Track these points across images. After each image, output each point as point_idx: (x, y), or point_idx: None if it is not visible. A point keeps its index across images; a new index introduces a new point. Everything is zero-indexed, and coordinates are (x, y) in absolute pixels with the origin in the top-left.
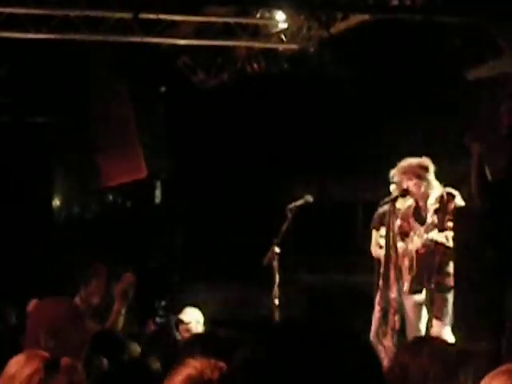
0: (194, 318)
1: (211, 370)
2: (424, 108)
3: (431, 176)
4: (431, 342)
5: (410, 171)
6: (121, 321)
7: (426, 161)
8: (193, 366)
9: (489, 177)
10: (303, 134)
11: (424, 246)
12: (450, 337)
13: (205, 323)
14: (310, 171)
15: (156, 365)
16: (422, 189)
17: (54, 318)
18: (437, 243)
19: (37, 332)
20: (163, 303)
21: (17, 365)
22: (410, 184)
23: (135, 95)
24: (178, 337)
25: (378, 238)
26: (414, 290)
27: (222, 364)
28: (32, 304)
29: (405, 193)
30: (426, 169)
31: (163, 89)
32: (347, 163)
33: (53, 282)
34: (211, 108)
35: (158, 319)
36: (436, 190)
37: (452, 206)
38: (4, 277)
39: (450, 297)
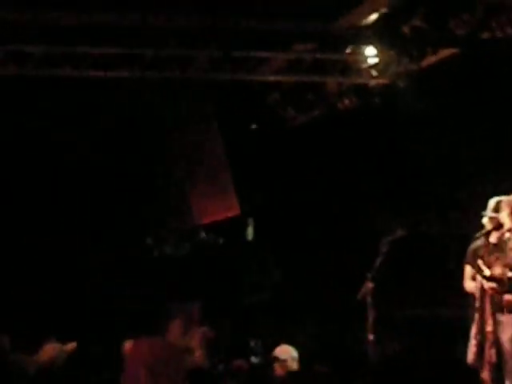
0: (289, 355)
1: None
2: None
3: None
4: None
5: (509, 205)
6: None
7: None
8: None
9: None
10: (396, 169)
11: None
12: None
13: (300, 360)
14: (403, 206)
15: None
16: None
17: (154, 355)
18: None
19: (137, 371)
20: (260, 342)
21: None
22: (506, 219)
23: (226, 132)
24: (273, 374)
25: (470, 272)
26: None
27: None
28: (128, 344)
29: (499, 226)
30: None
31: (254, 126)
32: (439, 197)
33: (145, 320)
34: (302, 144)
35: (253, 358)
36: None
37: None
38: (96, 317)
39: None
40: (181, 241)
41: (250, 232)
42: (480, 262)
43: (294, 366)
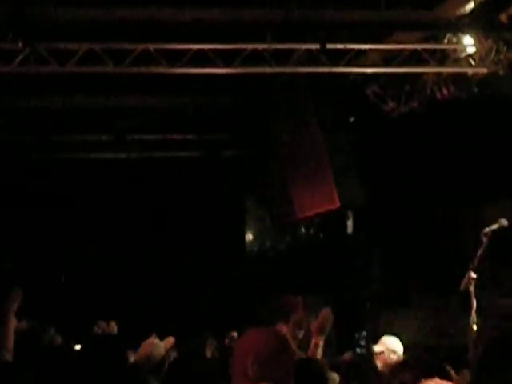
0: (386, 347)
1: None
2: None
3: None
4: None
5: None
6: (319, 354)
7: None
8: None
9: None
10: (497, 157)
11: None
12: None
13: (405, 351)
14: (504, 194)
15: None
16: None
17: (261, 346)
18: None
19: (244, 361)
20: (364, 333)
21: None
22: None
23: (325, 126)
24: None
25: None
26: None
27: None
28: (231, 336)
29: None
30: None
31: (352, 118)
32: None
33: (249, 313)
34: (401, 136)
35: (358, 349)
36: None
37: None
38: (200, 311)
39: None
40: (281, 235)
41: (349, 225)
42: None
43: (392, 357)
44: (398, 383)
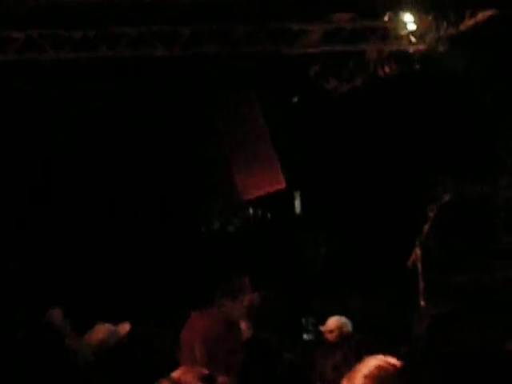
0: (335, 326)
1: (396, 362)
2: None
3: None
4: None
5: None
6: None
7: None
8: (379, 359)
9: None
10: (440, 134)
11: None
12: None
13: (353, 328)
14: (450, 171)
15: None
16: None
17: (208, 330)
18: None
19: (191, 344)
20: (311, 319)
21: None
22: None
23: (267, 107)
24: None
25: None
26: None
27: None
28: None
29: None
30: None
31: (296, 99)
32: (487, 160)
33: (197, 296)
34: (345, 114)
35: (305, 335)
36: None
37: None
38: (146, 293)
39: None
40: (229, 217)
41: (297, 205)
42: None
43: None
44: (331, 365)
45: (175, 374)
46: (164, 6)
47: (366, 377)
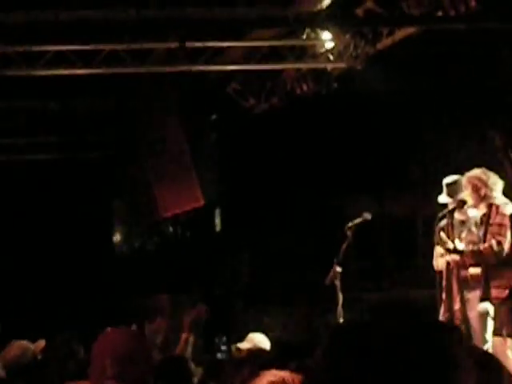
0: (253, 344)
1: (291, 377)
2: (477, 118)
3: (489, 188)
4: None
5: (474, 183)
6: (189, 351)
7: (488, 173)
8: (273, 374)
9: None
10: (357, 152)
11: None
12: None
13: (271, 347)
14: (367, 189)
15: None
16: (483, 202)
17: (119, 345)
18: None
19: (102, 360)
20: (224, 338)
21: None
22: (472, 197)
23: (187, 124)
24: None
25: (440, 251)
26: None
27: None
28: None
29: (462, 204)
30: (484, 182)
31: (214, 116)
32: (404, 179)
33: (117, 314)
34: (263, 132)
35: (218, 354)
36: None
37: (498, 217)
38: (69, 311)
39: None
40: (148, 235)
41: (217, 223)
42: (443, 235)
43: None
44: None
45: None
46: (84, 24)
47: None
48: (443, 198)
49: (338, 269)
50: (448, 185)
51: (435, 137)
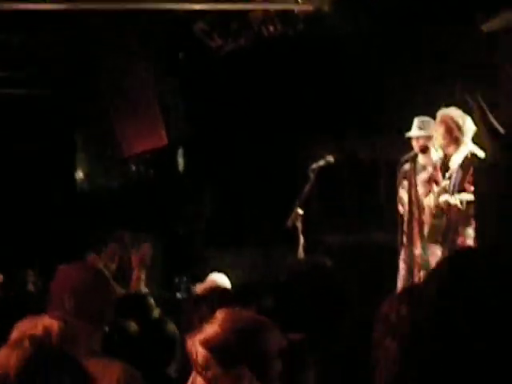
0: (213, 284)
1: (251, 316)
2: (443, 59)
3: (466, 133)
4: None
5: (448, 123)
6: (142, 287)
7: (464, 116)
8: (231, 311)
9: (500, 130)
10: (322, 95)
11: (437, 206)
12: None
13: (232, 288)
14: (331, 131)
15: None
16: (453, 144)
17: (78, 280)
18: (449, 205)
19: (60, 295)
20: (184, 278)
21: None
22: (443, 136)
23: (152, 64)
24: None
25: (404, 194)
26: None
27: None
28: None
29: (425, 150)
30: (457, 124)
31: (181, 55)
32: (368, 121)
33: (77, 252)
34: (229, 73)
35: (178, 294)
36: (466, 147)
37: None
38: (28, 247)
39: None
40: (112, 173)
41: (180, 162)
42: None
43: None
44: (197, 318)
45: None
46: None
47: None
48: (414, 132)
49: (300, 211)
50: (420, 120)
51: (401, 82)
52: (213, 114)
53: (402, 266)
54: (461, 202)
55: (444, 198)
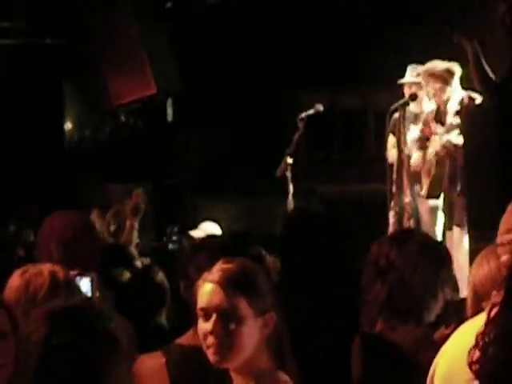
0: (204, 233)
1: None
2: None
3: (456, 81)
4: (419, 235)
5: (436, 75)
6: (135, 236)
7: (453, 66)
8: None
9: (491, 75)
10: (311, 45)
11: (444, 147)
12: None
13: (223, 236)
14: (320, 80)
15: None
16: (446, 93)
17: (64, 229)
18: (456, 146)
19: (48, 243)
20: (175, 229)
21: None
22: (435, 87)
23: (140, 12)
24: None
25: (394, 142)
26: (432, 195)
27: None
28: None
29: (414, 97)
30: (453, 74)
31: (169, 4)
32: (357, 72)
33: (68, 203)
34: (218, 23)
35: (170, 245)
36: (458, 93)
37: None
38: (18, 199)
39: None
40: (100, 124)
41: (169, 113)
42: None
43: None
44: (194, 266)
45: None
46: None
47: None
48: (406, 78)
49: (289, 160)
50: (413, 67)
51: (390, 33)
52: (201, 64)
53: (391, 214)
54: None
55: (445, 137)
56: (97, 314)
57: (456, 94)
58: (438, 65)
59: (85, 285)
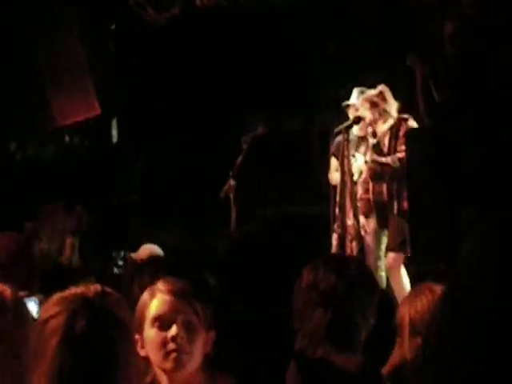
0: (148, 253)
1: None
2: (370, 30)
3: (388, 104)
4: (355, 260)
5: (367, 100)
6: (76, 255)
7: (383, 89)
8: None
9: (436, 97)
10: (254, 66)
11: (370, 168)
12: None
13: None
14: (264, 102)
15: None
16: (377, 115)
17: (2, 249)
18: (382, 164)
19: None
20: (122, 253)
21: None
22: (366, 113)
23: (85, 33)
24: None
25: (335, 164)
26: (382, 226)
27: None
28: None
29: (358, 120)
30: (383, 97)
31: (113, 26)
32: (301, 94)
33: (10, 223)
34: (163, 44)
35: (115, 270)
36: (392, 116)
37: (403, 129)
38: None
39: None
40: (45, 144)
41: (114, 134)
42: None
43: None
44: (138, 285)
45: None
46: None
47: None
48: (352, 100)
49: (232, 182)
50: (360, 90)
51: (336, 52)
52: (146, 85)
53: (334, 236)
54: (394, 161)
55: (369, 157)
56: (109, 301)
57: (390, 118)
58: (369, 92)
59: (32, 306)
